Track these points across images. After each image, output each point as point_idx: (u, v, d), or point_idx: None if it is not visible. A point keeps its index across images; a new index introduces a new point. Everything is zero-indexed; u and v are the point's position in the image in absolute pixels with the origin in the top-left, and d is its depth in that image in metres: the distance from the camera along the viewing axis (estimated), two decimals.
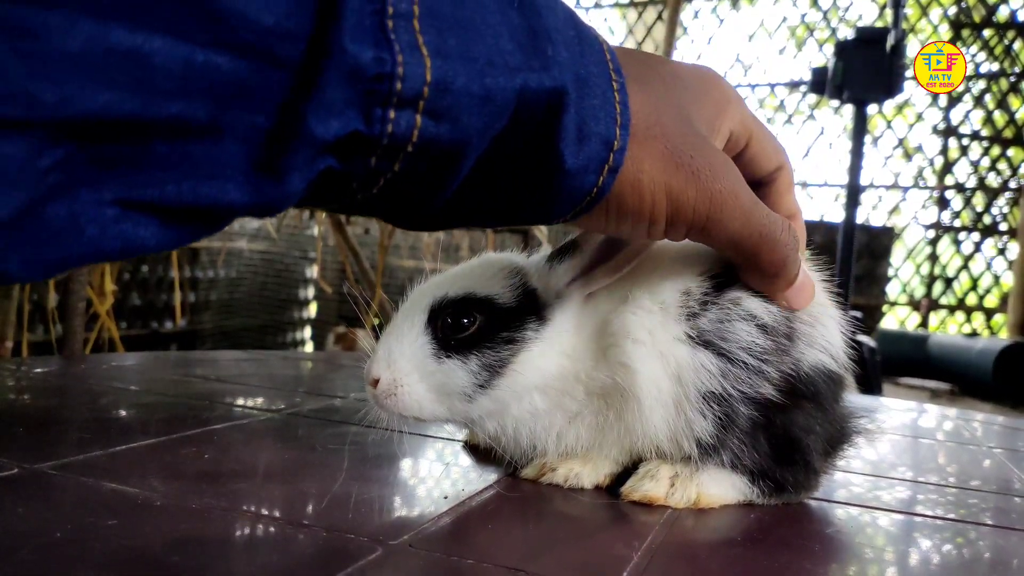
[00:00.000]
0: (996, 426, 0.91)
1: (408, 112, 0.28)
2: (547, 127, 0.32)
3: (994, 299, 5.42)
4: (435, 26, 0.28)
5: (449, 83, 0.28)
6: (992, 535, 0.46)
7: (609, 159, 0.35)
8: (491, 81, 0.30)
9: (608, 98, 0.34)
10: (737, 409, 0.45)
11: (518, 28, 0.31)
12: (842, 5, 5.69)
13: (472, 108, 0.29)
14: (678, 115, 0.38)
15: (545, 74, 0.31)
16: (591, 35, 0.35)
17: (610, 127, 0.34)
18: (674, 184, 0.37)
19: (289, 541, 0.34)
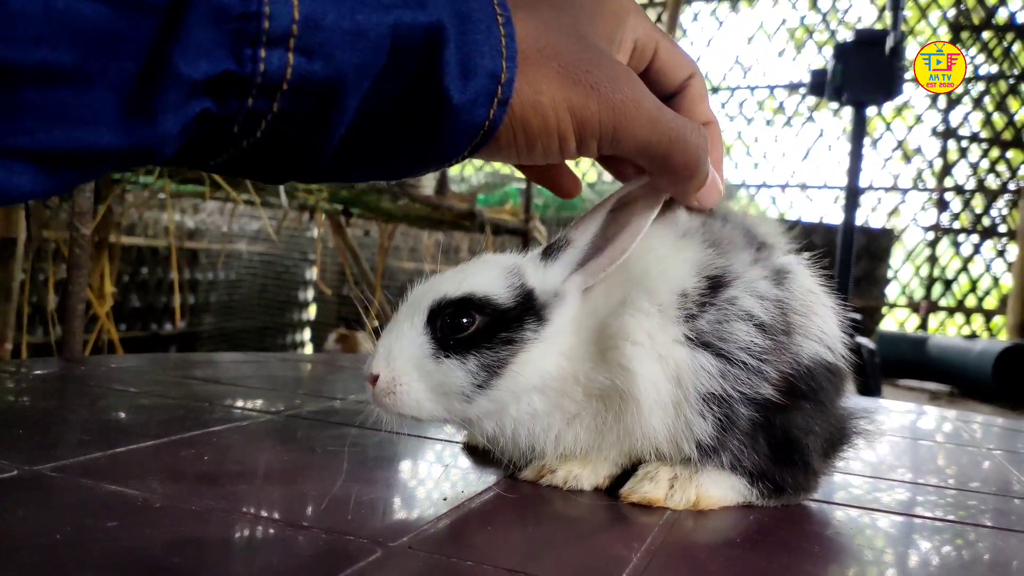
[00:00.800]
0: (995, 428, 0.91)
1: (279, 50, 0.28)
2: (429, 64, 0.33)
3: (993, 301, 5.42)
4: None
5: (319, 19, 0.29)
6: (991, 537, 0.46)
7: (497, 92, 0.35)
8: (363, 18, 0.30)
9: (493, 32, 0.34)
10: (736, 410, 0.46)
11: None
12: (841, 7, 5.70)
13: (345, 44, 0.30)
14: (572, 34, 0.38)
15: (420, 11, 0.32)
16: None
17: (495, 60, 0.34)
18: (575, 100, 0.38)
19: (289, 543, 0.34)
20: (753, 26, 5.89)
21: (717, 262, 0.47)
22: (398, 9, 0.31)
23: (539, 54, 0.37)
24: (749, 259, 0.48)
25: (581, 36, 0.39)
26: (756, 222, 0.53)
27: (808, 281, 0.50)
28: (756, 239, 0.50)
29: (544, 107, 0.37)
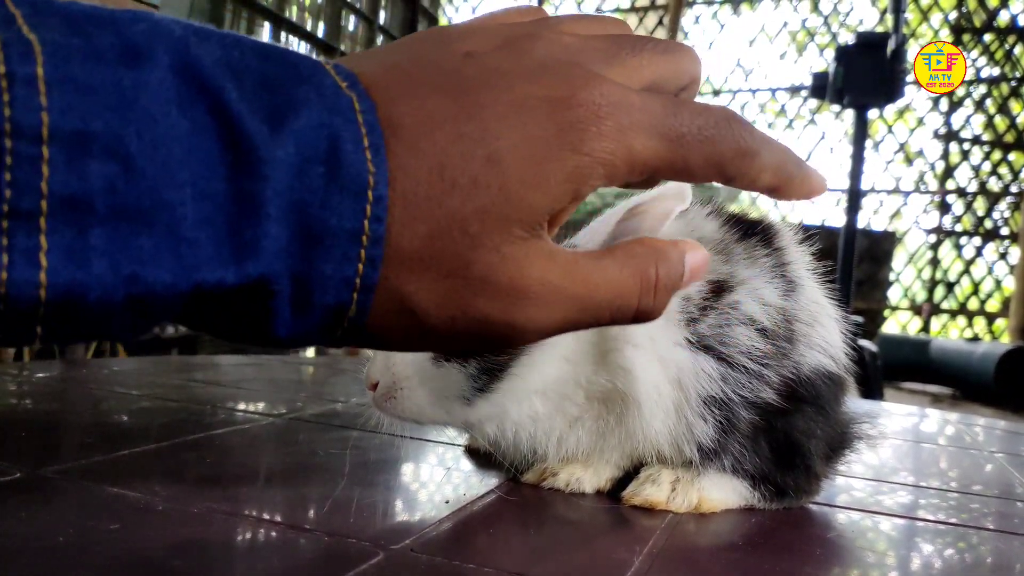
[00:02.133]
0: (998, 431, 0.91)
1: (21, 326, 0.23)
2: (247, 311, 0.27)
3: (996, 303, 5.42)
4: (75, 221, 0.22)
5: (77, 299, 0.23)
6: (994, 539, 0.46)
7: (343, 322, 0.28)
8: (143, 288, 0.23)
9: (350, 256, 0.26)
10: (738, 413, 0.46)
11: (220, 199, 0.25)
12: (843, 10, 5.70)
13: (112, 317, 0.24)
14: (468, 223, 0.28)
15: (233, 268, 0.25)
16: (354, 164, 0.26)
17: (342, 294, 0.27)
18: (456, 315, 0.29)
19: (290, 545, 0.34)
20: (755, 29, 5.90)
21: (722, 268, 0.47)
22: (204, 268, 0.24)
23: (416, 259, 0.28)
24: (758, 267, 0.48)
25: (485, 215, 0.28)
26: (777, 231, 0.52)
27: (815, 292, 0.50)
28: (773, 247, 0.50)
29: (407, 343, 0.30)
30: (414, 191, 0.27)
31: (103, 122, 0.22)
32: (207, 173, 0.24)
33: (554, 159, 0.28)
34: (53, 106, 0.22)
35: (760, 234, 0.50)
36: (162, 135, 0.23)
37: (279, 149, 0.25)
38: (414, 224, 0.27)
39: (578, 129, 0.28)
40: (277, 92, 0.26)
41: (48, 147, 0.22)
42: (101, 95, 0.22)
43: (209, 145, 0.24)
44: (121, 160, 0.23)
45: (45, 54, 0.22)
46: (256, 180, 0.25)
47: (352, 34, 4.77)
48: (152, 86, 0.23)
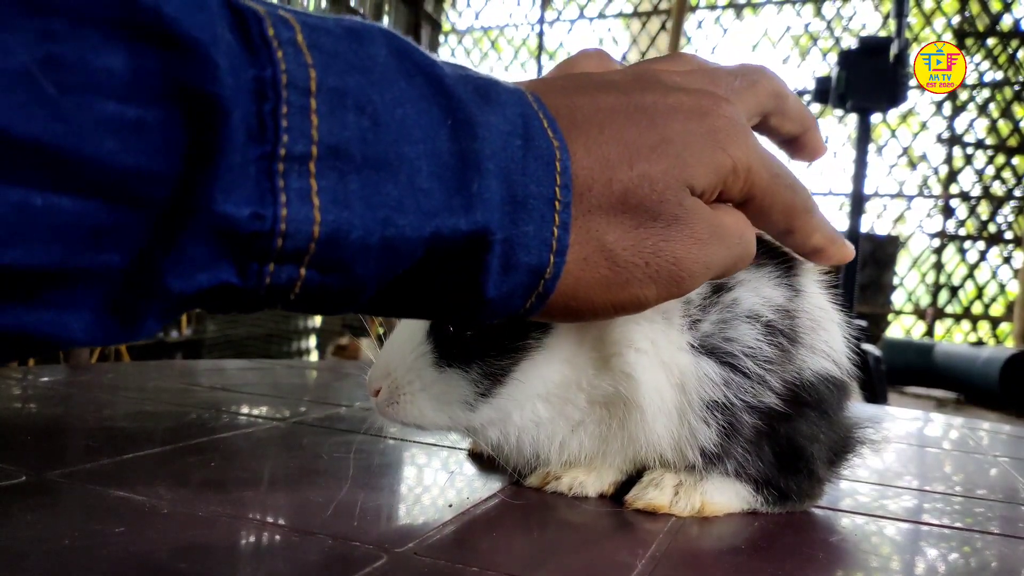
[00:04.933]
0: (1002, 435, 0.91)
1: (290, 266, 0.25)
2: (465, 265, 0.29)
3: (1000, 308, 5.40)
4: (337, 167, 0.25)
5: (342, 237, 0.25)
6: (999, 544, 0.46)
7: (539, 286, 0.31)
8: (395, 231, 0.26)
9: (546, 220, 0.30)
10: (740, 418, 0.46)
11: (445, 157, 0.28)
12: (845, 14, 5.70)
13: (368, 259, 0.26)
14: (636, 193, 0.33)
15: (464, 217, 0.28)
16: (543, 139, 0.31)
17: (543, 255, 0.31)
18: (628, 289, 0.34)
19: (294, 548, 0.34)
20: (757, 33, 5.90)
21: None
22: (440, 216, 0.27)
23: (613, 212, 0.33)
24: (762, 272, 0.48)
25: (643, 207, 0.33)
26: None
27: (818, 297, 0.50)
28: (778, 257, 0.50)
29: (592, 300, 0.34)
30: (607, 158, 0.32)
31: (354, 81, 0.26)
32: (433, 133, 0.28)
33: (708, 150, 0.34)
34: (316, 63, 0.24)
35: (765, 243, 0.50)
36: (396, 97, 0.27)
37: (491, 116, 0.29)
38: (611, 184, 0.32)
39: (723, 134, 0.35)
40: (471, 75, 0.30)
41: (315, 99, 0.24)
42: (347, 60, 0.26)
43: (433, 109, 0.28)
44: (370, 116, 0.26)
45: (299, 23, 0.25)
46: (474, 141, 0.29)
47: None
48: (380, 58, 0.27)
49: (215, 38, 0.22)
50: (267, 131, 0.23)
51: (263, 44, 0.23)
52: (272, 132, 0.23)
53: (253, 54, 0.23)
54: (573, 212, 0.31)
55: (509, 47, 6.65)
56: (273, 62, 0.23)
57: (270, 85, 0.23)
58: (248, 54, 0.23)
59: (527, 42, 6.53)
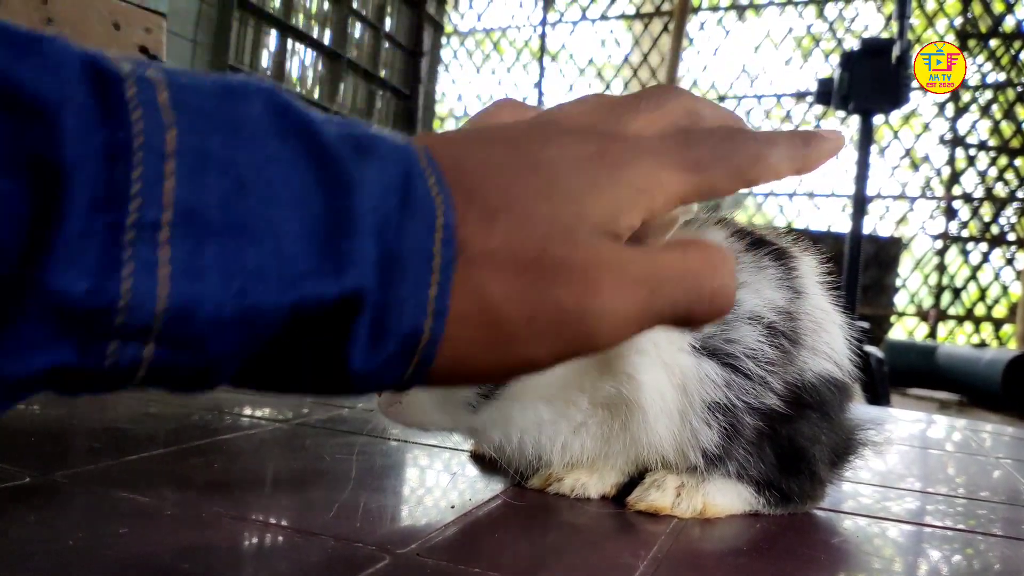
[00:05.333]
0: (1005, 437, 0.91)
1: (134, 344, 0.23)
2: (331, 335, 0.27)
3: (1003, 309, 5.39)
4: (192, 234, 0.23)
5: (192, 311, 0.23)
6: (1001, 545, 0.46)
7: (416, 354, 0.28)
8: (253, 302, 0.24)
9: (423, 280, 0.27)
10: (742, 419, 0.46)
11: (316, 218, 0.26)
12: (848, 16, 5.70)
13: (223, 334, 0.24)
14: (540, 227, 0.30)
15: (334, 280, 0.25)
16: (424, 195, 0.28)
17: (418, 319, 0.28)
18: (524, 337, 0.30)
19: (297, 549, 0.34)
20: (760, 35, 5.90)
21: None
22: (309, 280, 0.25)
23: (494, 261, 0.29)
24: (764, 275, 0.48)
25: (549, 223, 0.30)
26: (787, 248, 0.52)
27: (820, 299, 0.50)
28: (781, 260, 0.50)
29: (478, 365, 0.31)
30: (488, 206, 0.30)
31: (218, 142, 0.24)
32: (304, 193, 0.26)
33: (604, 184, 0.32)
34: (178, 124, 0.23)
35: (768, 246, 0.50)
36: (266, 157, 0.25)
37: (367, 173, 0.27)
38: (491, 230, 0.30)
39: (616, 169, 0.33)
40: (355, 132, 0.29)
41: (172, 161, 0.23)
42: (214, 120, 0.24)
43: (305, 168, 0.26)
44: (233, 177, 0.24)
45: (166, 83, 0.24)
46: (349, 197, 0.26)
47: (358, 42, 4.79)
48: (253, 116, 0.25)
49: (64, 101, 0.21)
50: (116, 198, 0.21)
51: (119, 106, 0.22)
52: (122, 198, 0.22)
53: (108, 116, 0.22)
54: (455, 269, 0.29)
55: (511, 49, 6.66)
56: (127, 124, 0.22)
57: (123, 148, 0.22)
58: (103, 116, 0.22)
59: (529, 44, 6.53)
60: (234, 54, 3.66)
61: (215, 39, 3.57)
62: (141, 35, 1.44)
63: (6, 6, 1.15)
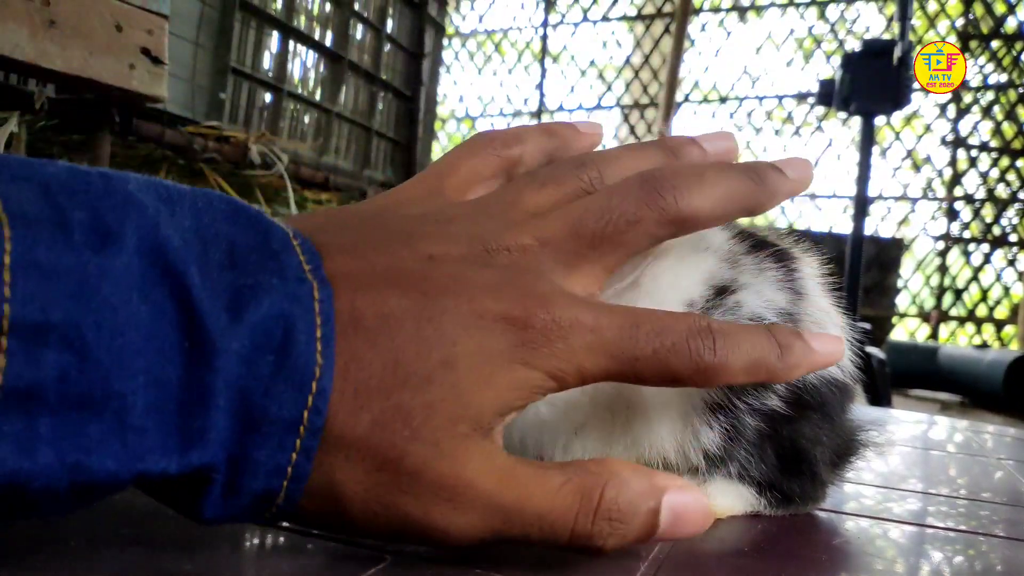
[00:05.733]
0: (1007, 438, 0.91)
1: None
2: (179, 493, 0.27)
3: (1004, 310, 5.39)
4: (25, 410, 0.22)
5: (22, 486, 0.23)
6: (1003, 547, 0.46)
7: (271, 507, 0.28)
8: (88, 477, 0.23)
9: (285, 446, 0.26)
10: (744, 420, 0.46)
11: (170, 388, 0.24)
12: (849, 17, 5.70)
13: (57, 503, 0.24)
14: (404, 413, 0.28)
15: (179, 457, 0.25)
16: (305, 354, 0.26)
17: (272, 482, 0.27)
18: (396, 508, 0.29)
19: (298, 549, 0.34)
20: (761, 36, 5.90)
21: (726, 273, 0.47)
22: (151, 456, 0.24)
23: (354, 449, 0.28)
24: (765, 277, 0.48)
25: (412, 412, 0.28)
26: (790, 251, 0.52)
27: (822, 301, 0.50)
28: (783, 262, 0.50)
29: (335, 532, 0.31)
30: (366, 383, 0.27)
31: (63, 312, 0.22)
32: (162, 360, 0.24)
33: (506, 370, 0.29)
34: (16, 297, 0.21)
35: (769, 247, 0.50)
36: (121, 323, 0.23)
37: (235, 341, 0.25)
38: (360, 414, 0.27)
39: (530, 348, 0.29)
40: (243, 272, 0.26)
41: (7, 338, 0.21)
42: (64, 282, 0.22)
43: (167, 332, 0.24)
44: (76, 350, 0.22)
45: (14, 238, 0.22)
46: (209, 371, 0.25)
47: (360, 43, 4.79)
48: (116, 271, 0.23)
49: None
50: None
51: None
52: None
53: None
54: (321, 439, 0.27)
55: (513, 50, 6.67)
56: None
57: None
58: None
59: (531, 45, 6.54)
60: (236, 56, 3.66)
61: (217, 41, 3.57)
62: (143, 37, 1.45)
63: (8, 8, 1.15)
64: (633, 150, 0.40)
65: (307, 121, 4.31)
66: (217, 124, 2.59)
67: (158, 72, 1.47)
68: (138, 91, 1.44)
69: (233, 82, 3.58)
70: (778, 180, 0.39)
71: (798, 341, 0.36)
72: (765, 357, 0.34)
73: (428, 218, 0.34)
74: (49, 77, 1.36)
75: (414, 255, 0.30)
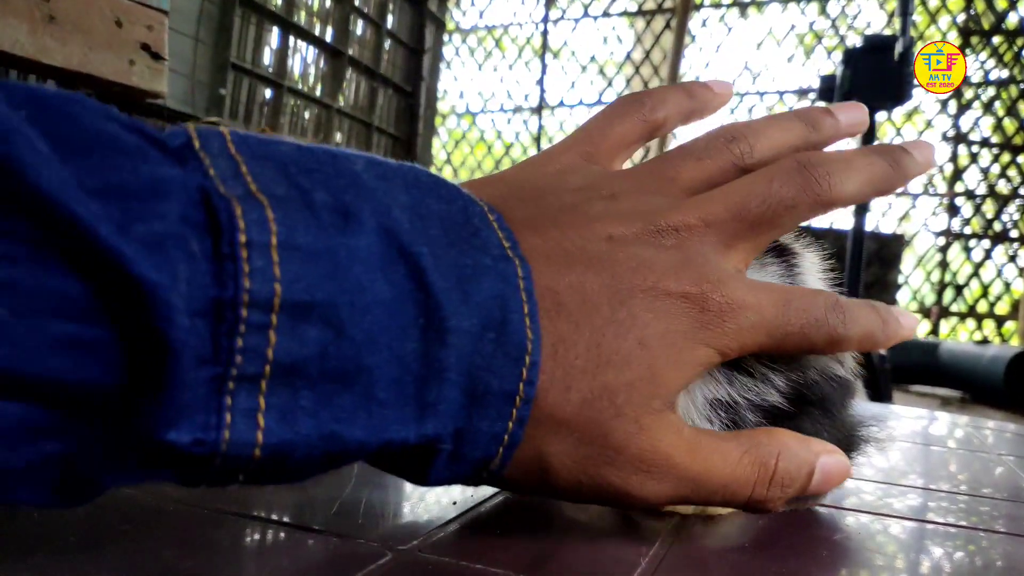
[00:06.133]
0: (1007, 433, 0.91)
1: (228, 474, 0.24)
2: (412, 460, 0.28)
3: (1005, 306, 5.39)
4: (290, 383, 0.24)
5: (284, 457, 0.24)
6: (1004, 542, 0.46)
7: (484, 471, 0.30)
8: (340, 446, 0.25)
9: (503, 415, 0.28)
10: (744, 416, 0.45)
11: (409, 363, 0.26)
12: (850, 13, 5.69)
13: (311, 468, 0.26)
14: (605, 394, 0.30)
15: (415, 428, 0.27)
16: (519, 330, 0.28)
17: (491, 448, 0.29)
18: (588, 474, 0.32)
19: (299, 546, 0.34)
20: (762, 32, 5.89)
21: None
22: (392, 427, 0.26)
23: (563, 424, 0.30)
24: (767, 272, 0.48)
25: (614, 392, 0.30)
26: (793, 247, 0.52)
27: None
28: (784, 257, 0.50)
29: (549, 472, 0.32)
30: (572, 363, 0.30)
31: (323, 292, 0.24)
32: (402, 336, 0.26)
33: (690, 349, 0.32)
34: (284, 277, 0.23)
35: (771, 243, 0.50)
36: (369, 301, 0.25)
37: (465, 320, 0.27)
38: (568, 392, 0.30)
39: (707, 328, 0.33)
40: (459, 251, 0.28)
41: (277, 316, 0.23)
42: (321, 264, 0.24)
43: (406, 310, 0.26)
44: (334, 327, 0.24)
45: (276, 220, 0.23)
46: (443, 347, 0.26)
47: (360, 39, 4.78)
48: (362, 252, 0.25)
49: (173, 279, 0.21)
50: (220, 353, 0.22)
51: (230, 257, 0.22)
52: (226, 353, 0.22)
53: (218, 267, 0.22)
54: (532, 408, 0.29)
55: (513, 46, 6.66)
56: (237, 280, 0.22)
57: (229, 306, 0.22)
58: (212, 268, 0.22)
59: (531, 41, 6.53)
60: (236, 51, 3.66)
61: (217, 36, 3.57)
62: (143, 32, 1.45)
63: (8, 4, 1.15)
64: (776, 122, 0.41)
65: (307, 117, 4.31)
66: (217, 120, 2.59)
67: (158, 68, 1.47)
68: (138, 87, 1.44)
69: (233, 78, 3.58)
70: (911, 163, 0.41)
71: (892, 317, 0.40)
72: (874, 329, 0.38)
73: (594, 193, 0.35)
74: (49, 73, 1.36)
75: (595, 235, 0.32)
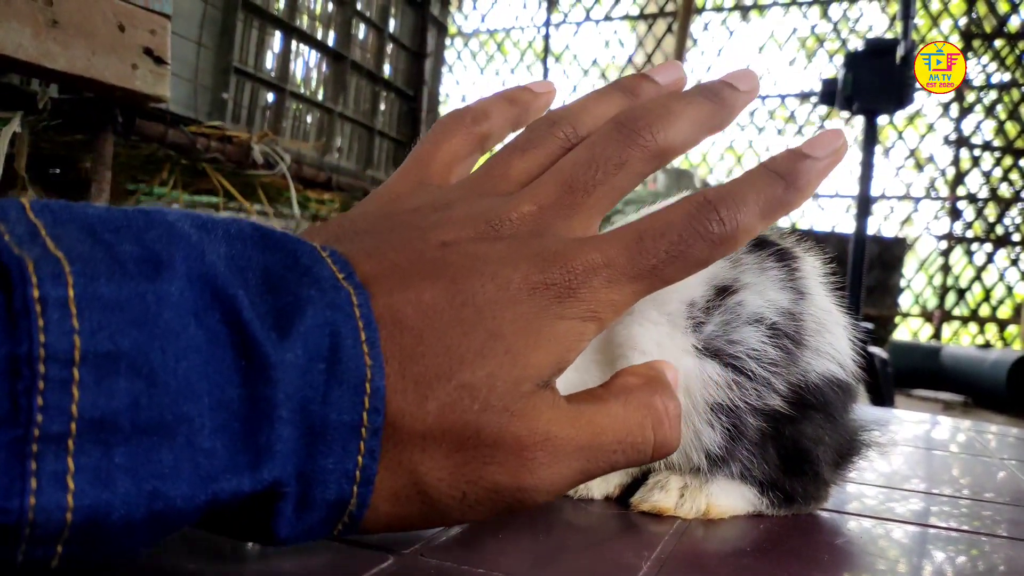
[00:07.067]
0: (1010, 438, 0.90)
1: (44, 547, 0.22)
2: (254, 515, 0.27)
3: (1007, 310, 5.38)
4: (101, 440, 0.22)
5: (101, 519, 0.22)
6: (1006, 547, 0.45)
7: (343, 516, 0.28)
8: (164, 504, 0.23)
9: (349, 450, 0.27)
10: (745, 420, 0.46)
11: (234, 407, 0.25)
12: (852, 16, 5.69)
13: (134, 533, 0.24)
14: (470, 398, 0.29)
15: (249, 476, 0.25)
16: (354, 359, 0.27)
17: (344, 487, 0.27)
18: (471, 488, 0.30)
19: (301, 550, 0.34)
20: (764, 35, 5.89)
21: (728, 273, 0.47)
22: (222, 477, 0.24)
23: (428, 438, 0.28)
24: (767, 276, 0.48)
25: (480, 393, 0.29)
26: (792, 250, 0.51)
27: (824, 300, 0.50)
28: (784, 261, 0.50)
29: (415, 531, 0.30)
30: (423, 374, 0.28)
31: (130, 340, 0.23)
32: (222, 381, 0.25)
33: (548, 328, 0.31)
34: (84, 328, 0.22)
35: (771, 246, 0.50)
36: (183, 347, 0.24)
37: (287, 352, 0.26)
38: (426, 403, 0.28)
39: (559, 302, 0.31)
40: (282, 292, 0.27)
41: (79, 369, 0.22)
42: (127, 311, 0.23)
43: (223, 354, 0.25)
44: (145, 376, 0.23)
45: (74, 273, 0.22)
46: (268, 385, 0.25)
47: (362, 43, 4.80)
48: (173, 298, 0.24)
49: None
50: (20, 412, 0.21)
51: (24, 312, 0.21)
52: (26, 413, 0.21)
53: (11, 325, 0.21)
54: (384, 439, 0.27)
55: (515, 50, 6.66)
56: (31, 335, 0.21)
57: (25, 362, 0.21)
58: (6, 325, 0.21)
59: (533, 45, 6.53)
60: (238, 55, 3.67)
61: (219, 40, 3.58)
62: (146, 37, 1.45)
63: (11, 8, 1.15)
64: (595, 97, 0.40)
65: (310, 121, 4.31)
66: (220, 124, 2.59)
67: (161, 72, 1.48)
68: (141, 91, 1.44)
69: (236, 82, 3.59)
70: (733, 95, 0.39)
71: (797, 161, 0.34)
72: (773, 195, 0.34)
73: (428, 208, 0.35)
74: (52, 77, 1.36)
75: (429, 246, 0.31)
